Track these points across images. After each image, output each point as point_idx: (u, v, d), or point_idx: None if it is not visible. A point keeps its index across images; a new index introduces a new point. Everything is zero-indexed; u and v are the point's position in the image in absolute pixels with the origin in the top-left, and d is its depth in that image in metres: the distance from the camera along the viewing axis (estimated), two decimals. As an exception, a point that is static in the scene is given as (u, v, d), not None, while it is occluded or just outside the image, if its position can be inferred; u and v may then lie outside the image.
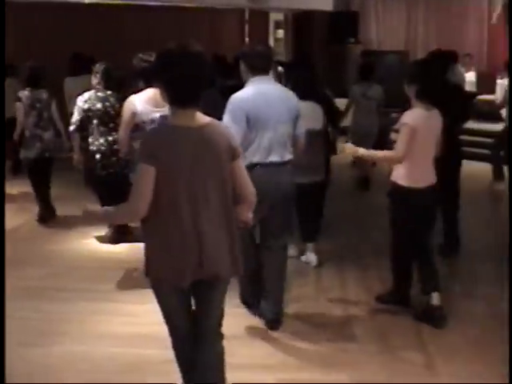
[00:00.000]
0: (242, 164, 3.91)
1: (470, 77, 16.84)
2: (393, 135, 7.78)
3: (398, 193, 5.82)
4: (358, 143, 8.44)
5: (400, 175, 5.77)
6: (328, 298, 6.61)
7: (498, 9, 19.81)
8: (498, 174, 11.69)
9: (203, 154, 3.65)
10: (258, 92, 5.44)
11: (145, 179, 3.56)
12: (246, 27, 18.47)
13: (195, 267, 3.73)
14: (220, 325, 4.15)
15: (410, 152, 5.62)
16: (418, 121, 5.62)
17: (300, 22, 18.66)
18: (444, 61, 7.65)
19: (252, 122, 5.37)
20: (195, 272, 3.74)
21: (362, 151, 5.89)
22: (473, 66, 17.29)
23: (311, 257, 7.50)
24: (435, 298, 5.97)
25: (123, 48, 12.92)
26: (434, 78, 5.82)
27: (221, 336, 4.18)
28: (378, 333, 5.82)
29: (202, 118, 3.73)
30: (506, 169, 11.31)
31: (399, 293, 6.25)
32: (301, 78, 7.22)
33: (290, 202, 5.79)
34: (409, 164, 5.68)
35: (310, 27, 18.56)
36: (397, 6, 19.82)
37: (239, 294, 6.20)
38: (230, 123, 5.24)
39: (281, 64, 11.07)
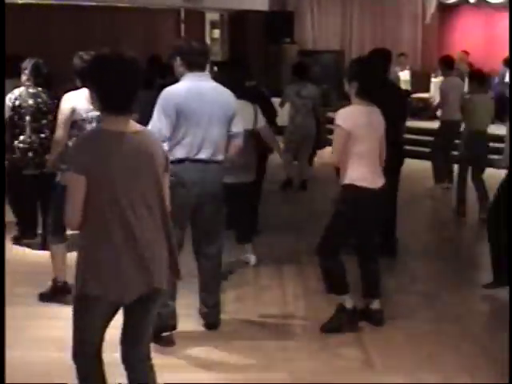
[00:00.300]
0: (167, 179, 3.83)
1: (405, 75, 17.08)
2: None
3: (347, 193, 5.63)
4: (296, 143, 8.52)
5: (350, 176, 5.57)
6: (267, 297, 6.62)
7: (432, 8, 20.13)
8: (438, 174, 11.76)
9: (139, 161, 3.55)
10: (192, 88, 5.36)
11: (74, 189, 3.44)
12: (182, 27, 18.43)
13: (140, 280, 3.57)
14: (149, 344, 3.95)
15: (355, 152, 5.49)
16: (354, 120, 5.50)
17: (236, 21, 18.69)
18: (384, 59, 7.71)
19: (182, 117, 5.29)
20: (140, 286, 3.58)
21: None
22: (407, 65, 17.51)
23: (250, 257, 7.49)
24: (376, 304, 5.97)
25: (57, 48, 12.79)
26: (374, 76, 5.78)
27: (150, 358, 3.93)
28: (316, 330, 5.81)
29: (134, 125, 3.63)
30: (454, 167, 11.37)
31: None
32: (231, 77, 7.13)
33: (218, 201, 5.62)
34: (358, 164, 5.53)
35: (246, 27, 18.61)
36: (332, 5, 19.97)
37: None
38: (159, 115, 5.21)
39: (215, 64, 11.08)
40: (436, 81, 16.46)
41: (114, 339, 3.80)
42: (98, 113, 5.85)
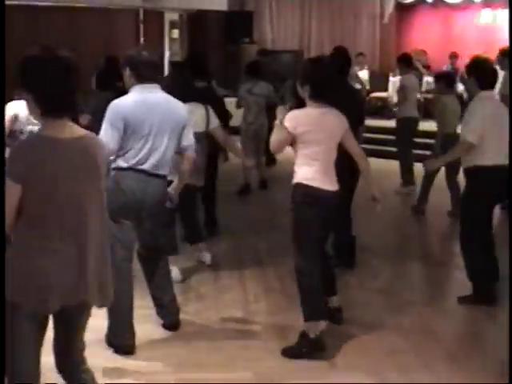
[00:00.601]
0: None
1: (364, 75, 17.16)
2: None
3: (303, 194, 5.47)
4: (249, 141, 8.42)
5: (299, 175, 5.47)
6: (228, 297, 6.61)
7: (390, 8, 20.27)
8: (404, 172, 11.84)
9: (78, 166, 3.42)
10: (140, 100, 5.26)
11: (8, 196, 3.30)
12: (141, 27, 18.34)
13: (70, 290, 3.44)
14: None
15: (306, 154, 5.38)
16: (302, 122, 5.34)
17: (195, 21, 18.64)
18: (343, 60, 7.63)
19: (130, 129, 5.20)
20: (68, 296, 3.44)
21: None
22: (366, 65, 17.61)
23: (205, 256, 7.45)
24: (335, 301, 5.98)
25: (11, 50, 12.64)
26: (327, 78, 5.59)
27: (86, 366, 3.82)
28: (277, 329, 5.85)
29: (76, 130, 3.50)
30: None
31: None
32: (180, 78, 7.03)
33: (157, 214, 5.49)
34: (310, 166, 5.41)
35: (205, 27, 18.57)
36: (291, 5, 20.00)
37: None
38: (107, 128, 5.14)
39: (172, 64, 11.04)
40: (394, 80, 16.60)
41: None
42: (37, 126, 5.73)
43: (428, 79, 16.57)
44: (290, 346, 5.46)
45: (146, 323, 5.73)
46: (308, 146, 5.34)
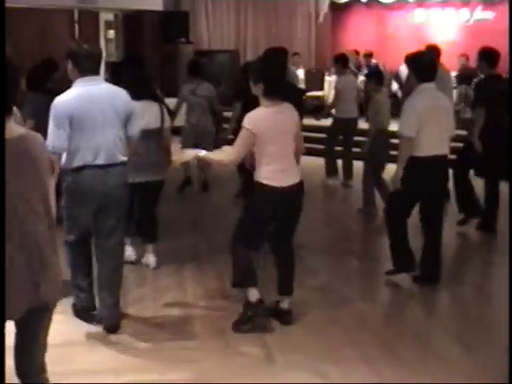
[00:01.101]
0: (53, 183, 3.73)
1: (299, 74, 17.29)
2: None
3: (260, 192, 5.70)
4: (193, 142, 8.53)
5: (261, 175, 5.66)
6: (167, 298, 6.60)
7: (325, 8, 20.44)
8: (330, 170, 12.10)
9: (19, 166, 3.37)
10: (83, 94, 5.33)
11: None
12: (76, 28, 18.18)
13: (28, 294, 3.41)
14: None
15: (265, 153, 5.56)
16: (260, 122, 5.53)
17: (131, 22, 18.54)
18: (283, 59, 7.80)
19: (75, 125, 5.25)
20: (30, 298, 3.42)
21: (192, 153, 5.89)
22: (301, 64, 17.73)
23: (150, 259, 7.43)
24: (286, 303, 6.05)
25: None
26: (279, 75, 5.88)
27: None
28: (217, 329, 5.87)
29: (16, 129, 3.45)
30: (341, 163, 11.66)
31: None
32: (135, 77, 7.12)
33: (120, 204, 5.63)
34: (268, 164, 5.60)
35: (141, 27, 18.48)
36: (226, 5, 20.01)
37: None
38: (53, 128, 5.16)
39: (113, 64, 10.94)
40: (330, 79, 16.77)
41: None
42: None
43: (361, 78, 16.78)
44: (238, 319, 5.83)
45: (86, 327, 5.72)
46: (267, 144, 5.54)
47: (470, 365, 5.30)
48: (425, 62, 6.96)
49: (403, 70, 16.58)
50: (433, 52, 10.00)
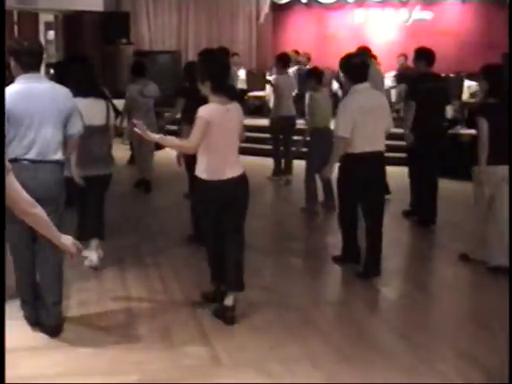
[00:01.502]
0: (12, 179, 3.68)
1: (240, 75, 17.35)
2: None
3: (201, 186, 5.98)
4: (135, 140, 8.52)
5: (202, 169, 5.90)
6: (111, 300, 6.55)
7: (266, 8, 20.51)
8: (277, 168, 12.19)
9: None
10: (22, 90, 5.40)
11: None
12: (16, 29, 17.96)
13: None
14: None
15: (209, 147, 5.78)
16: (213, 115, 5.76)
17: (71, 22, 18.38)
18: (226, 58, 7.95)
19: (12, 120, 5.30)
20: None
21: (154, 136, 5.93)
22: (242, 64, 17.77)
23: (94, 256, 7.33)
24: (230, 299, 6.07)
25: None
26: (225, 73, 6.09)
27: None
28: (162, 331, 5.85)
29: None
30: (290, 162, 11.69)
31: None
32: (82, 74, 7.19)
33: (52, 200, 5.51)
34: (210, 158, 5.84)
35: (82, 28, 18.34)
36: (168, 6, 19.97)
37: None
38: None
39: (57, 64, 10.89)
40: (271, 79, 16.83)
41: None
42: None
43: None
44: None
45: (28, 333, 5.67)
46: (214, 138, 5.76)
47: (412, 359, 5.38)
48: (355, 64, 7.25)
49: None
50: (364, 53, 10.22)
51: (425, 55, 9.31)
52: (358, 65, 7.26)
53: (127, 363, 5.28)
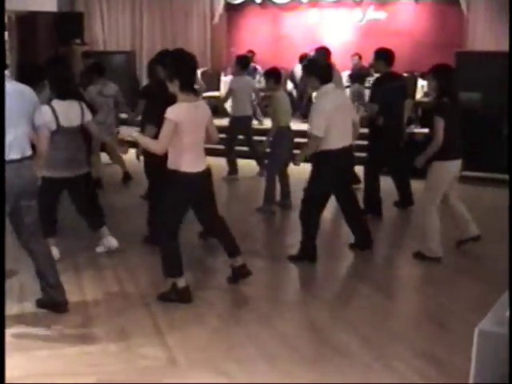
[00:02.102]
0: None
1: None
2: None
3: (175, 178, 6.19)
4: (96, 140, 8.64)
5: (175, 162, 6.16)
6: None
7: (220, 8, 20.49)
8: (232, 168, 12.25)
9: None
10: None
11: None
12: (-33, 30, 17.70)
13: None
14: None
15: (183, 143, 6.06)
16: (182, 115, 6.02)
17: (25, 23, 18.18)
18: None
19: None
20: None
21: (136, 135, 6.34)
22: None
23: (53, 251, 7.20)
24: (239, 260, 6.90)
25: None
26: (193, 71, 6.37)
27: None
28: (118, 332, 5.84)
29: None
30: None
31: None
32: (60, 77, 7.31)
33: (34, 194, 5.91)
34: (185, 153, 6.13)
35: (35, 28, 18.13)
36: (121, 6, 19.86)
37: None
38: None
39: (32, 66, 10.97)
40: (226, 79, 16.87)
41: None
42: None
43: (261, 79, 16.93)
44: (163, 291, 6.46)
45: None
46: (186, 134, 6.06)
47: (368, 357, 5.44)
48: (323, 66, 7.53)
49: (298, 70, 16.88)
50: (324, 53, 10.32)
51: (384, 55, 9.42)
52: (326, 66, 7.61)
53: (84, 365, 5.27)
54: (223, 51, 20.64)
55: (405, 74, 15.90)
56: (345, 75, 17.05)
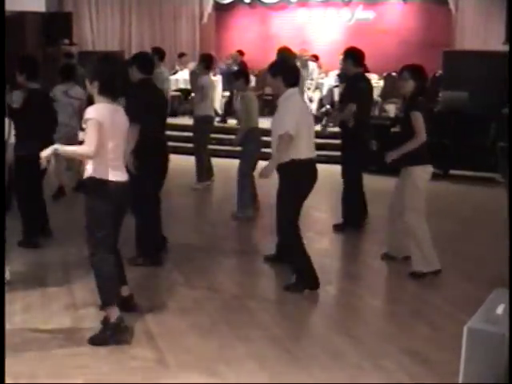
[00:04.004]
0: None
1: (185, 75, 17.34)
2: (82, 134, 7.79)
3: (96, 187, 5.64)
4: (64, 142, 8.59)
5: (95, 169, 5.58)
6: (55, 305, 6.49)
7: (209, 8, 20.51)
8: (200, 168, 12.10)
9: None
10: None
11: None
12: (-47, 31, 17.64)
13: None
14: None
15: (106, 146, 5.54)
16: (104, 115, 5.52)
17: (13, 23, 18.12)
18: (148, 59, 7.94)
19: None
20: None
21: (57, 147, 5.61)
22: (187, 64, 17.75)
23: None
24: (125, 291, 6.19)
25: None
26: (116, 74, 5.76)
27: None
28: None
29: None
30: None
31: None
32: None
33: None
34: (108, 158, 5.58)
35: (24, 29, 18.09)
36: (110, 6, 19.85)
37: None
38: None
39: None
40: (215, 79, 16.84)
41: None
42: None
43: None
44: (95, 334, 5.67)
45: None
46: (108, 139, 5.55)
47: (356, 356, 5.45)
48: (292, 68, 7.19)
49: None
50: (287, 55, 10.23)
51: (351, 55, 9.16)
52: (293, 68, 7.26)
53: (72, 367, 5.24)
54: (212, 51, 20.62)
55: (393, 73, 15.96)
56: (333, 75, 17.11)
